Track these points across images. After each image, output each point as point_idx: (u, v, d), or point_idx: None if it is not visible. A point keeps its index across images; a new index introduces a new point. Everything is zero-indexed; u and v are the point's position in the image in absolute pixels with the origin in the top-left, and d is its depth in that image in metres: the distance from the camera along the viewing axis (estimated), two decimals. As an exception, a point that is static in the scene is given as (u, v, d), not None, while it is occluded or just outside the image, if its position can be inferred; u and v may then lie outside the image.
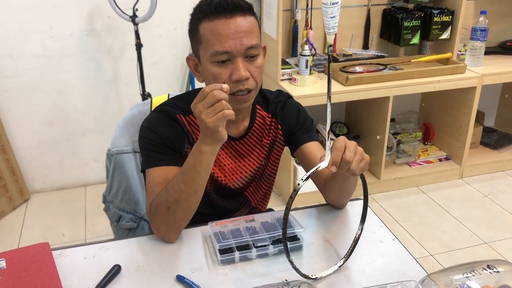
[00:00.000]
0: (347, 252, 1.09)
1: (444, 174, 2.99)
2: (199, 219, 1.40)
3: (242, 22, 1.10)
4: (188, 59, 1.22)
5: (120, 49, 2.68)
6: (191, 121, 1.24)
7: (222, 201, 1.34)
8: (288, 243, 1.11)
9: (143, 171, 1.22)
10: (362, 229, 1.11)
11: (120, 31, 2.63)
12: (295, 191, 0.94)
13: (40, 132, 2.73)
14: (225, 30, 1.08)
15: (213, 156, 1.06)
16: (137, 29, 2.42)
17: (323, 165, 0.98)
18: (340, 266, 1.07)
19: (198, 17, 1.13)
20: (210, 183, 1.28)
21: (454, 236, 2.47)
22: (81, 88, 2.71)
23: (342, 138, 0.99)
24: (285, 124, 1.33)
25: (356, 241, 1.10)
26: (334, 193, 1.25)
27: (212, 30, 1.09)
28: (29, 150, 2.75)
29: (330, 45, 0.94)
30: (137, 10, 2.37)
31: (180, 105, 1.24)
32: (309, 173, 0.96)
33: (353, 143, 1.00)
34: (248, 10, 1.12)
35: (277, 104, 1.33)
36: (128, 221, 1.49)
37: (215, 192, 1.31)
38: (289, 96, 1.37)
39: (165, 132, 1.20)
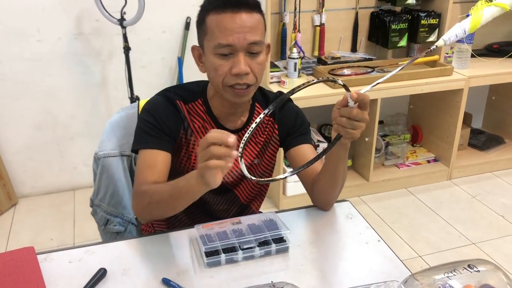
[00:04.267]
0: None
1: (433, 175, 3.01)
2: (187, 222, 1.41)
3: (248, 18, 1.12)
4: (193, 48, 1.24)
5: (108, 52, 2.68)
6: (190, 109, 1.26)
7: (211, 197, 1.34)
8: (274, 245, 1.12)
9: (134, 151, 1.24)
10: (286, 176, 1.03)
11: (109, 35, 2.63)
12: None
13: (28, 136, 2.72)
14: (230, 24, 1.10)
15: (198, 194, 1.03)
16: (125, 32, 2.42)
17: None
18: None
19: (206, 9, 1.15)
20: None
21: (443, 237, 2.48)
22: (69, 92, 2.70)
23: (368, 101, 1.01)
24: (282, 125, 1.34)
25: (276, 179, 1.01)
26: (324, 181, 1.23)
27: (218, 23, 1.11)
28: (17, 154, 2.73)
29: (435, 45, 1.00)
30: (125, 13, 2.37)
31: (181, 93, 1.27)
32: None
33: (368, 119, 1.03)
34: (255, 7, 1.14)
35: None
36: (115, 224, 1.49)
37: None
38: (289, 99, 1.38)
39: (164, 116, 1.22)
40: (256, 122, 0.90)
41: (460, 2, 3.02)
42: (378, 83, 0.99)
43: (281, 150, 1.39)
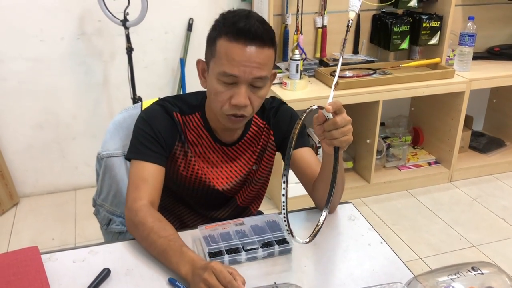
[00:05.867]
0: (313, 231, 1.06)
1: (433, 177, 3.01)
2: (188, 224, 1.41)
3: (258, 53, 1.10)
4: (198, 62, 1.22)
5: (111, 53, 2.68)
6: (186, 122, 1.26)
7: (211, 209, 1.35)
8: (277, 246, 1.13)
9: (128, 159, 1.24)
10: (326, 215, 1.08)
11: (111, 35, 2.63)
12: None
13: (30, 135, 2.72)
14: (239, 56, 1.09)
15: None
16: (128, 33, 2.42)
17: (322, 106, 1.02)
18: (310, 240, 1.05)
19: (219, 30, 1.12)
20: (198, 187, 1.30)
21: (443, 239, 2.49)
22: (71, 91, 2.70)
23: (341, 105, 1.03)
24: (278, 130, 1.34)
25: (320, 227, 1.06)
26: (322, 189, 1.23)
27: (227, 51, 1.10)
28: (19, 154, 2.73)
29: (350, 19, 1.09)
30: (128, 14, 2.38)
31: (178, 104, 1.27)
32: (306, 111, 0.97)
33: (350, 119, 1.04)
34: (268, 42, 1.12)
35: (270, 110, 1.35)
36: (118, 224, 1.49)
37: (204, 198, 1.32)
38: (282, 102, 1.38)
39: (160, 127, 1.22)
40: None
41: (462, 5, 3.03)
42: (336, 84, 1.06)
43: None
